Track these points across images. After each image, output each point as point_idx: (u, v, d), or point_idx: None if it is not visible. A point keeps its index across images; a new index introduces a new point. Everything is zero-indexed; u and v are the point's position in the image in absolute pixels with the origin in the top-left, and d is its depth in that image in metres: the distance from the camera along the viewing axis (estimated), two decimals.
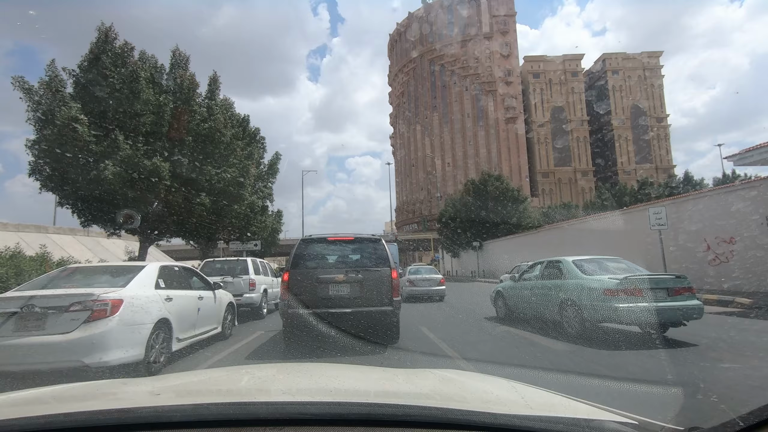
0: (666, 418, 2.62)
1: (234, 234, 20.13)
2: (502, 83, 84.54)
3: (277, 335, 7.74)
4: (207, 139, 12.69)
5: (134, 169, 11.00)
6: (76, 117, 10.53)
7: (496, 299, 9.69)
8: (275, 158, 20.21)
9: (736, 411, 0.80)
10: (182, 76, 12.78)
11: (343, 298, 6.10)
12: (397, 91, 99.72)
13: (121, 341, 4.54)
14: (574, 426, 0.98)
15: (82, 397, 1.37)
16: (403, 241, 57.60)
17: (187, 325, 5.98)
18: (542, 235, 27.37)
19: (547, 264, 8.15)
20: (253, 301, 10.55)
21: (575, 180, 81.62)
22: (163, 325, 5.29)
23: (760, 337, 6.97)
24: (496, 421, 0.96)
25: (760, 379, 4.41)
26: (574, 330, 6.63)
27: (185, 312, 5.95)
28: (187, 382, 1.68)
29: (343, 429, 0.95)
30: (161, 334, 5.26)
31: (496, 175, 37.55)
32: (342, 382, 1.54)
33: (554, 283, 7.51)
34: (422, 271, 15.60)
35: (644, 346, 6.03)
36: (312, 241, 6.70)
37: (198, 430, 0.96)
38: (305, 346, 6.03)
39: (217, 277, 10.38)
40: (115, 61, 12.02)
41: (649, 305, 5.95)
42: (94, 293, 4.51)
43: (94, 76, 11.39)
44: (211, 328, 7.02)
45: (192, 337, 6.16)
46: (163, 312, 5.31)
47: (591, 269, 7.09)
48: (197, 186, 12.62)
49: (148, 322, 4.96)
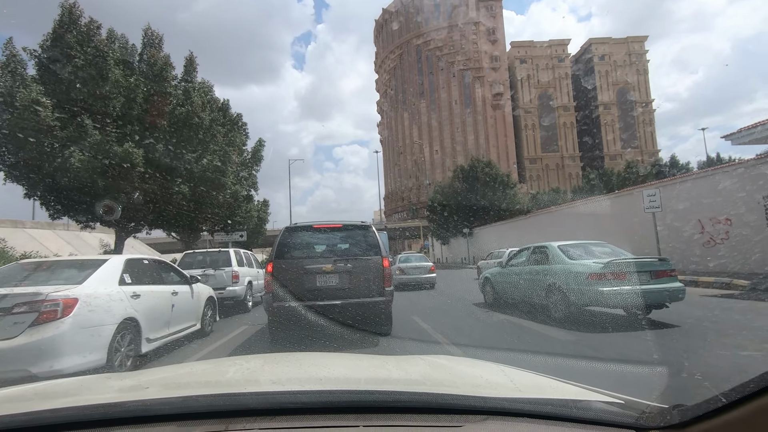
0: (651, 396, 2.65)
1: (218, 224, 19.41)
2: (489, 69, 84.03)
3: (262, 329, 7.37)
4: (184, 123, 11.90)
5: (104, 156, 10.22)
6: (37, 99, 9.69)
7: (484, 285, 9.76)
8: (258, 145, 19.38)
9: (719, 388, 0.79)
10: (155, 56, 11.90)
11: (331, 289, 5.77)
12: (383, 79, 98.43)
13: (77, 346, 3.96)
14: (562, 407, 0.99)
15: (65, 393, 1.32)
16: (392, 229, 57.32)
17: (159, 324, 5.41)
18: (532, 220, 27.24)
19: (534, 249, 8.28)
20: (237, 294, 10.03)
21: (562, 165, 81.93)
22: (129, 325, 4.72)
23: (757, 319, 6.82)
24: (486, 404, 0.98)
25: (746, 359, 4.44)
26: (560, 314, 6.71)
27: (156, 309, 5.37)
28: (174, 374, 1.63)
29: (334, 417, 0.94)
30: (127, 336, 4.69)
31: (485, 160, 37.17)
32: (331, 370, 1.52)
33: (540, 269, 7.61)
34: (412, 259, 15.44)
35: (630, 328, 6.17)
36: (297, 230, 6.33)
37: (187, 422, 0.93)
38: (292, 341, 5.63)
39: (197, 270, 9.86)
40: (81, 41, 11.11)
41: (633, 288, 6.06)
42: (42, 292, 3.90)
43: (57, 56, 10.49)
44: (189, 326, 6.46)
45: (165, 336, 5.59)
46: (129, 310, 4.73)
47: (576, 254, 7.18)
48: (175, 173, 11.89)
49: (110, 323, 4.38)
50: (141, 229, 14.32)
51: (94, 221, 12.69)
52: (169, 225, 14.29)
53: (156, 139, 11.39)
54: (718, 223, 12.85)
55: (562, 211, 24.11)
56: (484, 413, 0.94)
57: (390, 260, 6.42)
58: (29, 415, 0.96)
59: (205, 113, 12.67)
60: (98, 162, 10.14)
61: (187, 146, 12.02)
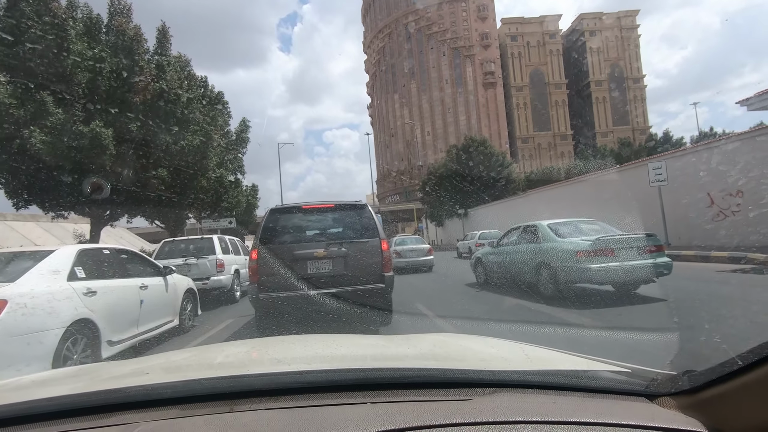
0: (662, 365, 2.57)
1: (204, 211, 18.49)
2: (480, 47, 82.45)
3: (250, 322, 6.79)
4: (158, 100, 10.88)
5: (70, 137, 9.23)
6: None
7: (476, 266, 9.86)
8: (243, 126, 18.31)
9: (736, 351, 0.73)
10: (123, 26, 10.77)
11: (324, 276, 5.26)
12: (372, 59, 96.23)
13: (8, 358, 3.17)
14: (570, 377, 0.98)
15: (63, 381, 1.30)
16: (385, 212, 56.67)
17: (124, 323, 4.64)
18: (529, 198, 26.65)
19: (524, 229, 8.38)
20: (223, 284, 9.26)
21: (554, 144, 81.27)
22: (83, 328, 3.94)
23: None
24: (495, 377, 0.97)
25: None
26: (550, 291, 6.82)
27: (120, 306, 4.59)
28: (175, 359, 1.58)
29: (341, 394, 0.92)
30: (81, 340, 3.91)
31: (480, 139, 36.32)
32: (336, 349, 1.49)
33: (530, 247, 7.71)
34: (409, 242, 15.10)
35: (623, 303, 6.17)
36: (284, 211, 5.74)
37: (190, 405, 0.91)
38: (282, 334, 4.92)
39: (178, 260, 9.11)
40: (38, 10, 9.98)
41: (621, 264, 6.18)
42: None
43: (9, 27, 9.37)
44: (164, 322, 5.70)
45: (134, 336, 4.82)
46: (82, 310, 3.94)
47: (565, 232, 7.25)
48: (151, 155, 10.93)
49: (56, 327, 3.59)
50: (118, 218, 13.37)
51: (66, 209, 11.73)
52: (149, 212, 13.37)
53: (128, 119, 10.39)
54: (730, 195, 12.27)
55: (559, 188, 23.61)
56: (493, 386, 0.92)
57: (388, 243, 5.91)
58: (27, 404, 0.93)
59: (182, 90, 11.65)
60: (63, 144, 9.16)
61: (163, 126, 11.03)
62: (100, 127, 9.43)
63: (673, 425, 0.74)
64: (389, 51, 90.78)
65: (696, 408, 0.77)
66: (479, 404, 0.84)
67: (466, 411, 0.81)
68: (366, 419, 0.78)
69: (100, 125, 9.46)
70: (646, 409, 0.83)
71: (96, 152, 9.47)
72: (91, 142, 9.30)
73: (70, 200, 10.89)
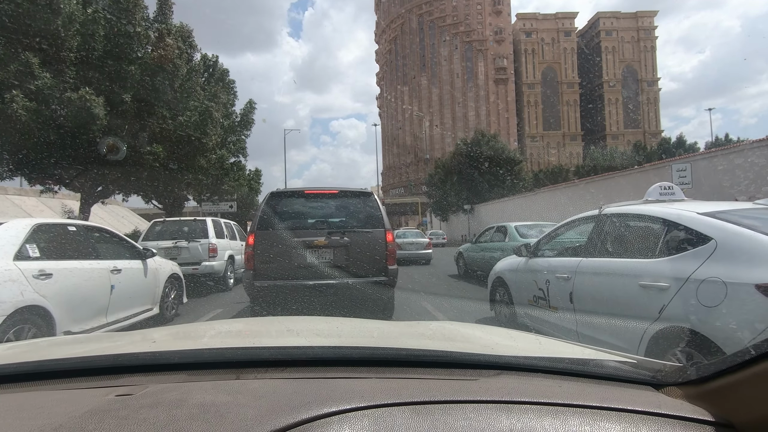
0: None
1: (204, 192, 17.83)
2: (493, 42, 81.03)
3: (242, 311, 6.39)
4: (156, 70, 10.15)
5: (56, 104, 8.53)
6: None
7: (458, 259, 11.20)
8: (248, 107, 17.53)
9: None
10: None
11: (325, 266, 5.02)
12: (384, 49, 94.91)
13: None
14: (575, 364, 0.97)
15: (72, 345, 1.31)
16: (390, 205, 56.04)
17: (88, 311, 3.97)
18: (538, 197, 25.88)
19: (497, 228, 9.85)
20: (215, 271, 8.62)
21: (564, 144, 79.99)
22: (32, 316, 3.28)
23: None
24: (501, 360, 0.97)
25: None
26: None
27: (82, 292, 3.91)
28: (184, 330, 1.65)
29: (347, 368, 0.92)
30: (29, 330, 3.26)
31: (491, 134, 35.40)
32: (342, 328, 1.51)
33: (499, 245, 8.95)
34: (409, 235, 15.87)
35: None
36: (285, 195, 5.52)
37: (197, 371, 0.91)
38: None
39: (168, 242, 8.51)
40: None
41: None
42: None
43: None
44: (141, 311, 5.04)
45: (101, 327, 4.15)
46: (31, 295, 3.27)
47: (528, 233, 8.36)
48: (145, 129, 10.22)
49: None
50: (110, 194, 12.71)
51: (54, 183, 11.06)
52: (144, 190, 12.70)
53: (122, 88, 9.67)
54: None
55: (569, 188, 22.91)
56: (498, 368, 0.92)
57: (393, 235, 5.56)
58: (38, 364, 0.96)
59: (182, 61, 10.90)
60: (48, 111, 8.46)
61: (160, 98, 10.31)
62: (90, 95, 8.70)
63: (679, 413, 0.72)
64: (401, 42, 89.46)
65: (703, 398, 0.75)
66: (485, 384, 0.83)
67: (472, 390, 0.81)
68: (372, 392, 0.77)
69: (90, 92, 8.73)
70: (653, 397, 0.80)
71: (85, 122, 8.75)
72: (79, 111, 8.58)
73: (56, 173, 10.22)
